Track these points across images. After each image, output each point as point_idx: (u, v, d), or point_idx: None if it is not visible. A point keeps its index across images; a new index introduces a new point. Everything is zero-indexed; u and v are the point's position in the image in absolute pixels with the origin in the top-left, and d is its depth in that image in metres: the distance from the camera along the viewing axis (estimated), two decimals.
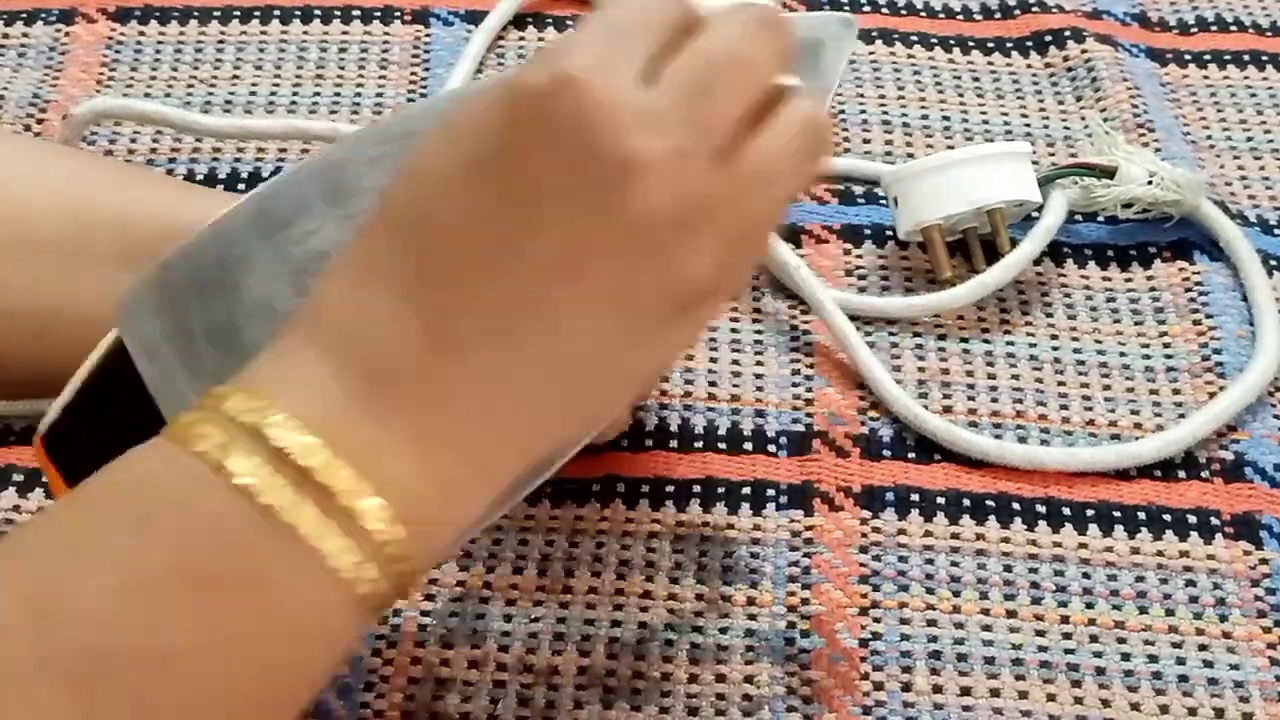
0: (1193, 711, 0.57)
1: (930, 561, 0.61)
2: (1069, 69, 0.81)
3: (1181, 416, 0.66)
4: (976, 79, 0.81)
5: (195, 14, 0.83)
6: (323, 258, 0.49)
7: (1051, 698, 0.57)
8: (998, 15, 0.84)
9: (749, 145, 0.44)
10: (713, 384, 0.67)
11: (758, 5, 0.46)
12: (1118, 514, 0.63)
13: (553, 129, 0.42)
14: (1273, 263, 0.71)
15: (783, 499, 0.63)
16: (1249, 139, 0.78)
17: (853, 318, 0.68)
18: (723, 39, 0.44)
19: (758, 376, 0.67)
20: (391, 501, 0.42)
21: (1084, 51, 0.81)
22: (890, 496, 0.63)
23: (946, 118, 0.79)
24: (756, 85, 0.45)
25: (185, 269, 0.50)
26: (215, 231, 0.50)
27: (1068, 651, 0.58)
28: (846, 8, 0.84)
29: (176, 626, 0.40)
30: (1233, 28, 0.84)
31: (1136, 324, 0.70)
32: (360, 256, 0.44)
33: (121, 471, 0.43)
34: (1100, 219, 0.74)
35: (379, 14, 0.83)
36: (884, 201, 0.74)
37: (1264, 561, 0.61)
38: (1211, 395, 0.67)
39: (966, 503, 0.63)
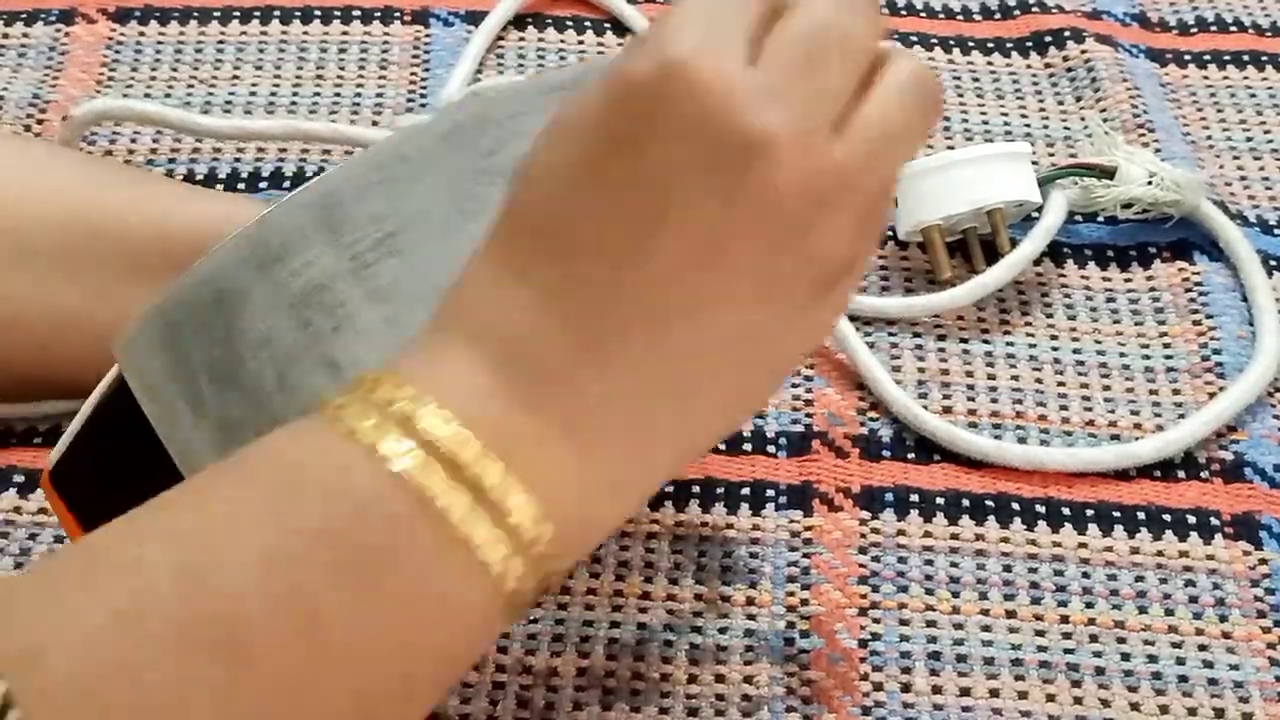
0: (1192, 712, 0.57)
1: (930, 562, 0.61)
2: (1069, 69, 0.81)
3: (1181, 417, 0.66)
4: (976, 79, 0.81)
5: (195, 14, 0.83)
6: (320, 289, 0.49)
7: (1051, 698, 0.57)
8: (997, 15, 0.84)
9: (864, 112, 0.43)
10: None
11: None
12: (1117, 514, 0.63)
13: (669, 118, 0.41)
14: (1273, 263, 0.71)
15: (782, 499, 0.63)
16: (1249, 139, 0.78)
17: (852, 318, 0.68)
18: (819, 12, 0.44)
19: None
20: (542, 498, 0.41)
21: (1084, 52, 0.81)
22: (889, 497, 0.63)
23: (946, 118, 0.79)
24: (860, 53, 0.44)
25: (184, 305, 0.50)
26: (211, 266, 0.50)
27: (1067, 652, 0.58)
28: None
29: (317, 603, 0.40)
30: (1232, 28, 0.84)
31: (1136, 324, 0.70)
32: (496, 256, 0.44)
33: (272, 446, 0.42)
34: (1100, 219, 0.74)
35: (379, 14, 0.83)
36: None
37: (1263, 562, 0.61)
38: (1211, 395, 0.67)
39: (966, 503, 0.63)
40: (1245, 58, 0.82)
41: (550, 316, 0.42)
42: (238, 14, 0.83)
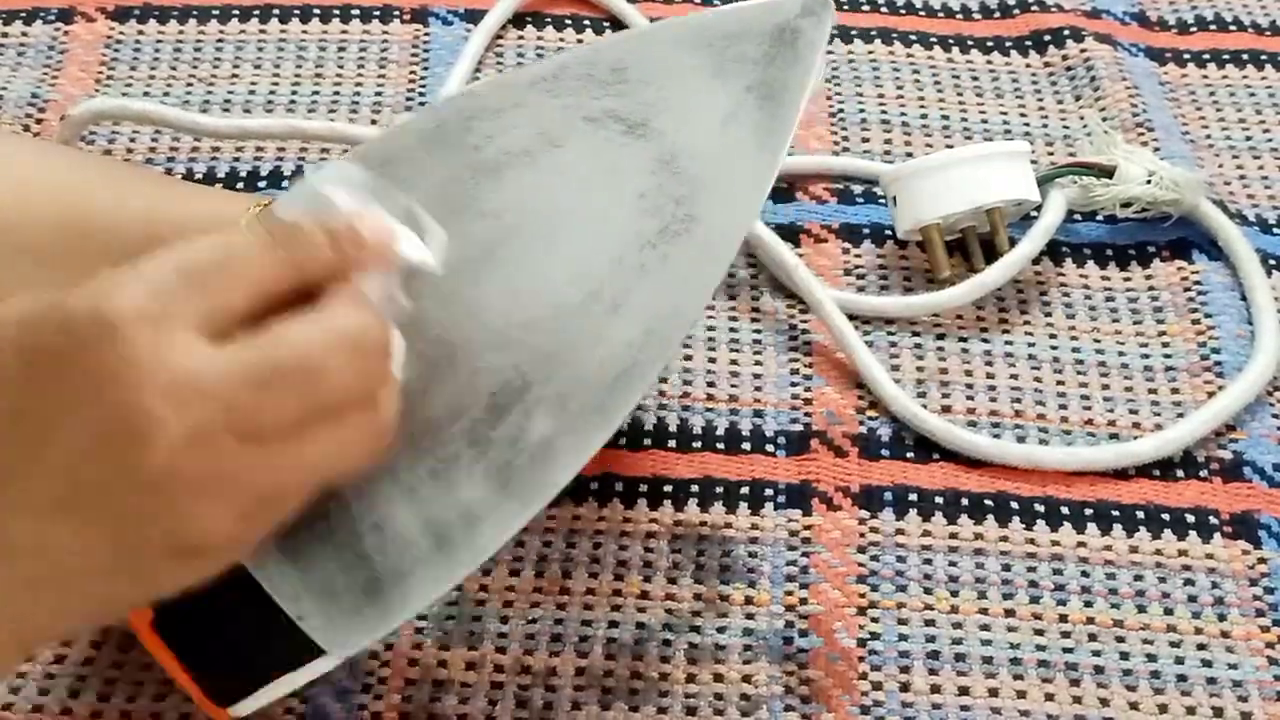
0: (1191, 710, 0.57)
1: (928, 561, 0.61)
2: (1068, 68, 0.81)
3: (1180, 416, 0.66)
4: (976, 78, 0.81)
5: (194, 13, 0.83)
6: None
7: (1050, 697, 0.57)
8: (997, 15, 0.84)
9: (288, 439, 0.42)
10: (711, 384, 0.67)
11: (364, 323, 0.44)
12: (1116, 513, 0.63)
13: (77, 366, 0.41)
14: (1271, 262, 0.71)
15: (781, 499, 0.63)
16: (1248, 138, 0.78)
17: (851, 317, 0.68)
18: (311, 339, 0.43)
19: (756, 376, 0.67)
20: None
21: (1083, 51, 0.81)
22: (888, 496, 0.63)
23: (946, 117, 0.79)
24: (320, 398, 0.43)
25: None
26: None
27: (1066, 651, 0.58)
28: (845, 7, 0.84)
29: None
30: (1232, 27, 0.84)
31: (1135, 323, 0.70)
32: None
33: None
34: (1099, 218, 0.74)
35: (378, 13, 0.83)
36: (883, 201, 0.74)
37: (1262, 561, 0.61)
38: (1210, 394, 0.66)
39: (965, 502, 0.63)
40: (1245, 57, 0.82)
41: None
42: (237, 13, 0.83)
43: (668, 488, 0.63)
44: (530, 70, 0.53)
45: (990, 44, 0.83)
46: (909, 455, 0.64)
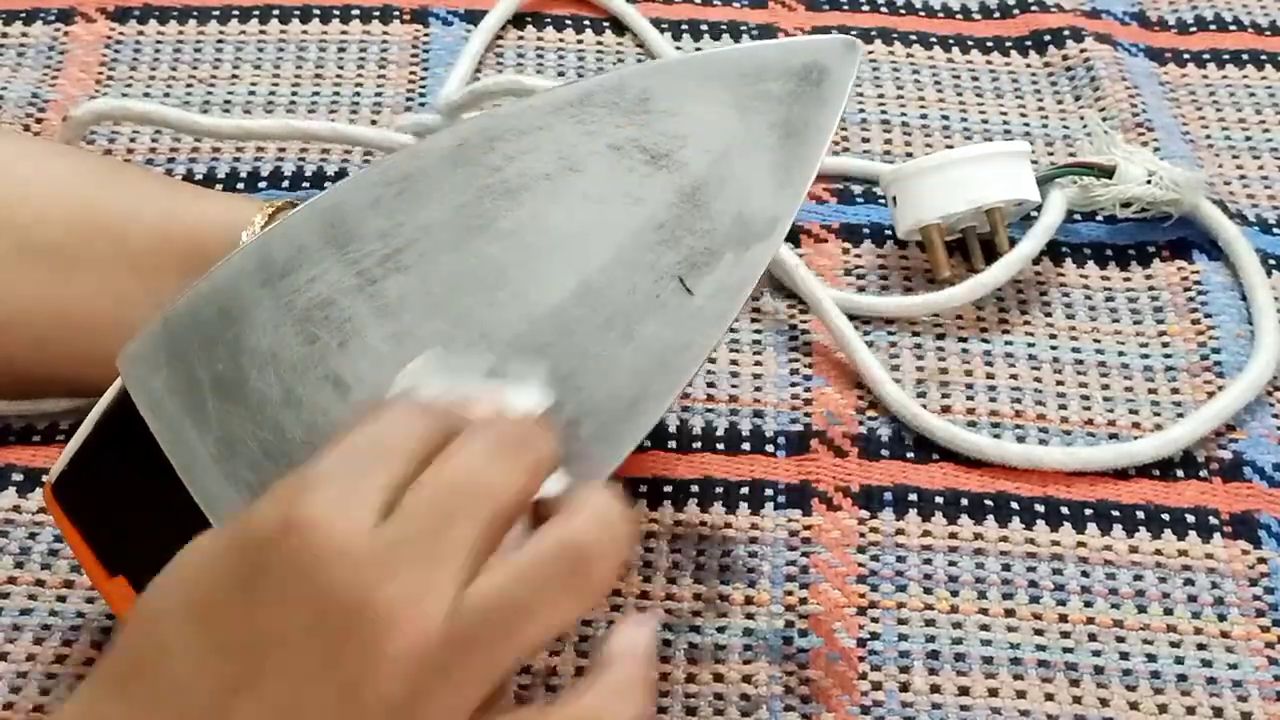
0: (1191, 710, 0.57)
1: (928, 561, 0.61)
2: (1068, 68, 0.81)
3: (1180, 416, 0.66)
4: (976, 78, 0.81)
5: (194, 13, 0.83)
6: (326, 304, 0.49)
7: (1050, 697, 0.57)
8: (997, 15, 0.84)
9: (481, 586, 0.41)
10: (711, 384, 0.67)
11: (514, 421, 0.45)
12: (1116, 513, 0.63)
13: (284, 576, 0.40)
14: (1271, 262, 0.71)
15: (781, 499, 0.63)
16: (1248, 138, 0.78)
17: (851, 317, 0.68)
18: (461, 462, 0.42)
19: (756, 376, 0.67)
20: None
21: (1083, 51, 0.81)
22: (888, 496, 0.63)
23: (946, 117, 0.79)
24: (497, 510, 0.42)
25: (188, 321, 0.50)
26: (216, 281, 0.50)
27: (1066, 651, 0.58)
28: (845, 7, 0.84)
29: None
30: (1232, 27, 0.84)
31: (1135, 323, 0.70)
32: (84, 702, 0.43)
33: None
34: (1099, 218, 0.74)
35: (378, 13, 0.83)
36: (883, 201, 0.74)
37: (1262, 561, 0.61)
38: (1210, 394, 0.66)
39: (964, 502, 0.63)
40: (1245, 56, 0.82)
41: None
42: (237, 13, 0.83)
43: (668, 488, 0.63)
44: (556, 94, 0.53)
45: (990, 44, 0.83)
46: (909, 455, 0.64)
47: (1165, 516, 0.63)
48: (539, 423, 0.46)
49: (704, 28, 0.83)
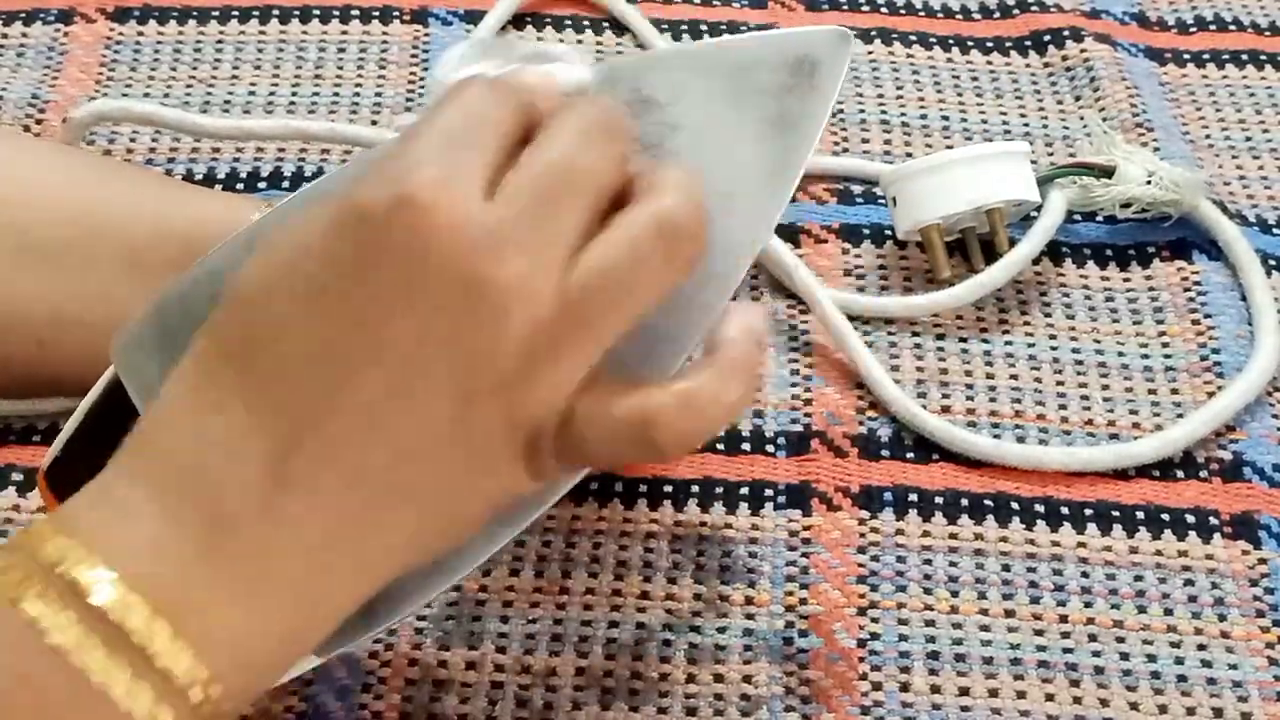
0: (1191, 711, 0.57)
1: (928, 561, 0.61)
2: (1068, 69, 0.81)
3: (1180, 416, 0.66)
4: (975, 79, 0.81)
5: (194, 14, 0.83)
6: None
7: (1050, 698, 0.57)
8: (997, 15, 0.84)
9: (587, 259, 0.43)
10: None
11: (596, 104, 0.46)
12: (1116, 514, 0.63)
13: (396, 252, 0.41)
14: (1271, 262, 0.71)
15: (780, 499, 0.63)
16: (1248, 139, 0.78)
17: (851, 317, 0.68)
18: (559, 146, 0.44)
19: None
20: (212, 659, 0.40)
21: (1083, 51, 0.81)
22: (888, 496, 0.63)
23: (945, 117, 0.79)
24: (598, 191, 0.44)
25: (180, 307, 0.50)
26: (209, 268, 0.50)
27: (1066, 651, 0.58)
28: (845, 7, 0.84)
29: None
30: (1232, 27, 0.84)
31: (1135, 324, 0.70)
32: (193, 384, 0.43)
33: None
34: (1099, 219, 0.74)
35: (378, 13, 0.83)
36: (883, 201, 0.74)
37: (1262, 561, 0.61)
38: (1210, 395, 0.66)
39: (965, 502, 0.63)
40: (1244, 57, 0.82)
41: (247, 455, 0.41)
42: (236, 13, 0.83)
43: (668, 488, 0.63)
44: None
45: (990, 44, 0.83)
46: (909, 456, 0.64)
47: (1165, 517, 0.63)
48: (618, 108, 0.47)
49: (704, 28, 0.83)
